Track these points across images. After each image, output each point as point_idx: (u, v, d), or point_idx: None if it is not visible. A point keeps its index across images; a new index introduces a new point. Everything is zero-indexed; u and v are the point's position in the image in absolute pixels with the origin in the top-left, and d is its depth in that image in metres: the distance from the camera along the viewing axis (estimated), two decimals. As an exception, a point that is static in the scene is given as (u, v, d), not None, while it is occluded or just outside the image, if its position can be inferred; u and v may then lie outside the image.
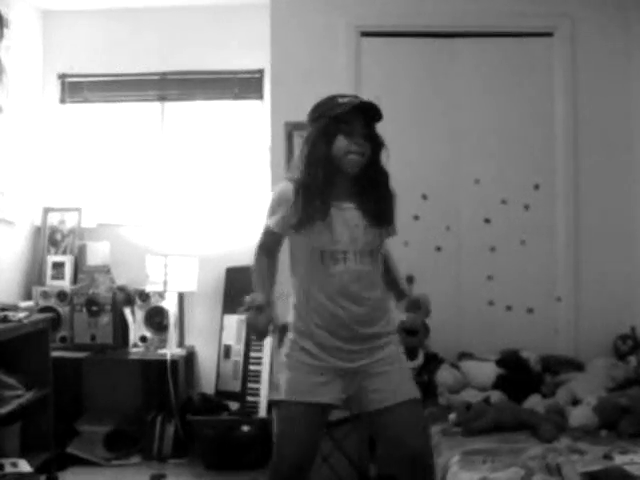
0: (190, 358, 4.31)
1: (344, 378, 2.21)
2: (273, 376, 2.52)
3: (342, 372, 2.20)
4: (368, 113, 2.19)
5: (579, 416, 2.97)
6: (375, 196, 2.25)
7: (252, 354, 4.11)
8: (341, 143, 2.16)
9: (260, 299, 2.21)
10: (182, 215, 4.47)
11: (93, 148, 4.54)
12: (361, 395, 2.22)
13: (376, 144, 2.23)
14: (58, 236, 4.39)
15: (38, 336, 3.55)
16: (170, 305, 4.16)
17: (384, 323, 2.32)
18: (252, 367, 4.09)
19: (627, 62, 3.90)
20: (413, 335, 3.66)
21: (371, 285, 2.26)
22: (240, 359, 4.14)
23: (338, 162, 2.18)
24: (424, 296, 2.53)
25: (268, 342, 3.98)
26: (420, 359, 3.58)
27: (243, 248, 4.32)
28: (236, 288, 4.27)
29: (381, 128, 2.23)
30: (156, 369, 4.11)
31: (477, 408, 3.08)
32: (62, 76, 4.50)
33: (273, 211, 2.24)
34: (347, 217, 2.22)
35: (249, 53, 4.32)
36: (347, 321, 2.19)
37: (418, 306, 2.54)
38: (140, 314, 4.17)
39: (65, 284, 4.24)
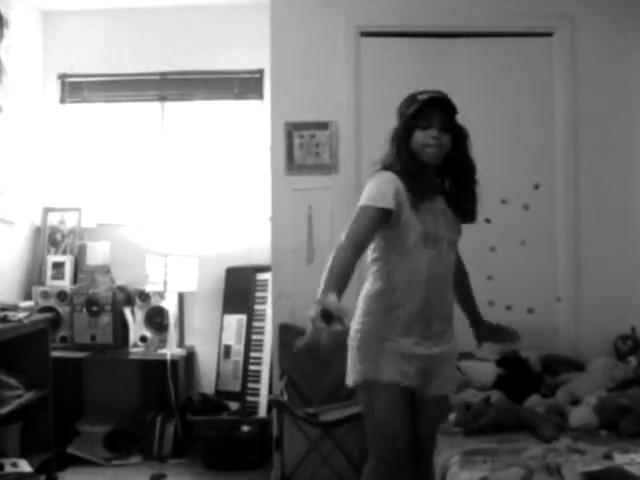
0: (190, 358, 4.31)
1: (421, 364, 2.32)
2: (349, 359, 2.33)
3: (420, 358, 2.31)
4: (446, 106, 2.34)
5: (579, 416, 2.96)
6: (459, 189, 2.45)
7: (252, 354, 4.12)
8: (418, 137, 2.30)
9: (340, 305, 1.94)
10: (182, 215, 4.47)
11: (93, 148, 4.55)
12: (428, 379, 2.35)
13: (457, 136, 2.37)
14: (58, 236, 4.39)
15: (38, 336, 3.56)
16: (170, 305, 4.16)
17: (452, 314, 2.48)
18: (252, 367, 4.09)
19: (627, 62, 3.90)
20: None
21: (452, 277, 2.45)
22: (240, 359, 4.14)
23: (419, 155, 2.30)
24: (514, 332, 2.75)
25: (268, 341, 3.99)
26: (420, 359, 3.58)
27: (243, 248, 4.35)
28: (236, 288, 4.28)
29: (381, 128, 2.26)
30: (156, 369, 4.11)
31: (477, 408, 3.08)
32: (62, 76, 4.50)
33: (380, 192, 2.24)
34: (437, 207, 2.38)
35: (249, 53, 4.32)
36: (435, 304, 2.33)
37: (505, 337, 2.75)
38: (140, 314, 4.17)
39: (65, 284, 4.24)
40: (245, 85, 4.44)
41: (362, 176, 3.54)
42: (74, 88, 4.50)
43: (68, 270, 4.28)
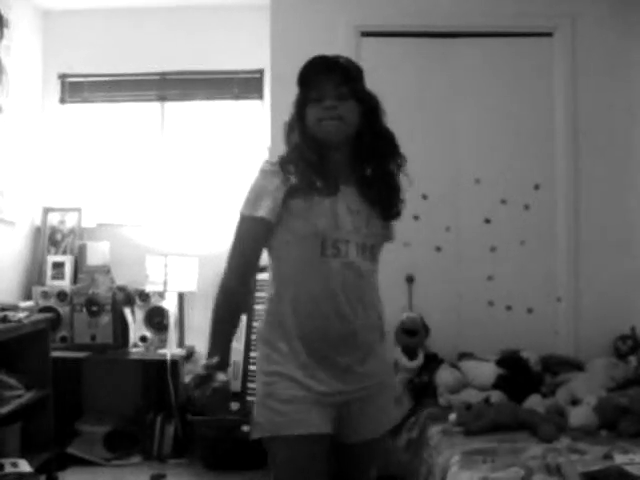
0: (190, 358, 4.31)
1: (334, 404, 1.81)
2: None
3: (332, 396, 1.80)
4: (341, 70, 1.86)
5: (579, 416, 2.97)
6: (374, 176, 1.89)
7: (252, 354, 4.11)
8: (310, 111, 1.82)
9: (221, 368, 1.79)
10: (182, 215, 4.47)
11: (93, 148, 4.55)
12: (349, 422, 1.85)
13: (364, 103, 1.86)
14: (58, 236, 4.39)
15: (38, 336, 3.55)
16: (170, 305, 4.16)
17: (375, 337, 1.89)
18: (252, 367, 4.09)
19: (627, 62, 3.90)
20: (413, 335, 3.67)
21: (372, 288, 1.88)
22: (240, 359, 4.14)
23: (315, 134, 1.82)
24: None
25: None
26: (420, 359, 3.58)
27: (243, 248, 4.35)
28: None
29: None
30: (156, 369, 4.11)
31: (477, 408, 3.08)
32: (62, 76, 4.50)
33: (257, 194, 1.79)
34: (348, 201, 1.84)
35: (249, 53, 4.32)
36: (345, 329, 1.80)
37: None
38: (140, 314, 4.17)
39: (65, 284, 4.24)
40: (245, 85, 4.44)
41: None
42: (74, 88, 4.50)
43: (68, 270, 4.28)
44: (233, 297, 1.84)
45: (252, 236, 1.82)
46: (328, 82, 1.82)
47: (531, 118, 3.94)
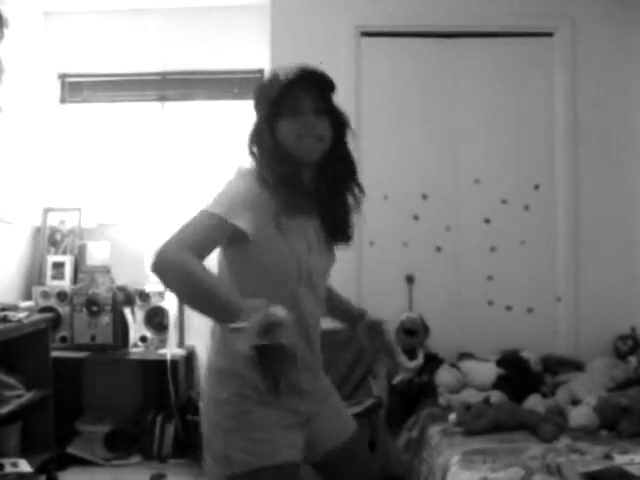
0: (190, 358, 4.31)
1: (302, 424, 1.76)
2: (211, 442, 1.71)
3: (300, 416, 1.75)
4: (318, 84, 1.72)
5: (579, 416, 2.97)
6: (336, 200, 1.78)
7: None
8: (287, 125, 1.69)
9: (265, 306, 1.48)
10: (182, 215, 4.46)
11: (93, 148, 4.54)
12: (318, 435, 1.81)
13: (337, 122, 1.75)
14: (58, 236, 4.39)
15: (38, 336, 3.55)
16: (170, 305, 4.16)
17: (321, 364, 1.87)
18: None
19: (627, 62, 3.90)
20: (413, 335, 3.67)
21: (321, 315, 1.83)
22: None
23: (290, 150, 1.69)
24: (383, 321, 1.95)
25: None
26: (420, 359, 3.58)
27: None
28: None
29: (381, 128, 2.13)
30: (156, 369, 4.10)
31: (477, 408, 3.08)
32: (62, 76, 4.50)
33: (236, 202, 1.63)
34: (312, 227, 1.75)
35: (249, 53, 4.32)
36: (309, 356, 1.77)
37: (377, 333, 1.94)
38: (140, 314, 4.16)
39: (65, 284, 4.23)
40: (245, 85, 4.43)
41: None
42: (74, 88, 4.50)
43: (68, 270, 4.28)
44: (198, 264, 1.51)
45: (215, 236, 1.60)
46: (307, 96, 1.70)
47: (531, 118, 3.94)
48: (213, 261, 1.71)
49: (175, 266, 1.49)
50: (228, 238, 1.63)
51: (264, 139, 1.71)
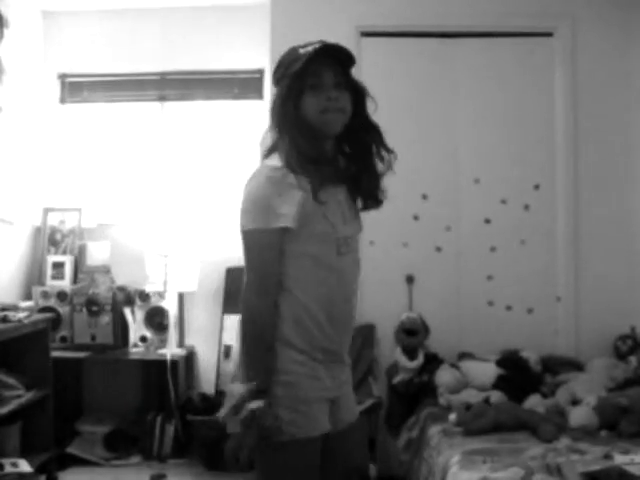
0: (190, 358, 4.31)
1: (332, 399, 1.82)
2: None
3: (334, 390, 1.82)
4: (339, 58, 1.76)
5: (579, 416, 2.97)
6: (359, 166, 1.83)
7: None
8: (310, 101, 1.72)
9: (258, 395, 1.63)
10: (182, 215, 4.47)
11: (93, 148, 4.54)
12: (337, 410, 1.84)
13: (357, 93, 1.80)
14: (58, 236, 4.39)
15: (38, 336, 3.55)
16: (170, 305, 4.16)
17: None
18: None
19: (627, 62, 3.90)
20: (413, 335, 3.67)
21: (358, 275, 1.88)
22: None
23: (315, 125, 1.73)
24: None
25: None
26: (420, 359, 3.58)
27: (243, 248, 4.34)
28: (236, 288, 4.27)
29: (381, 128, 2.13)
30: (156, 369, 4.10)
31: (477, 408, 3.08)
32: (62, 76, 4.50)
33: (268, 205, 1.67)
34: (342, 196, 1.81)
35: (249, 53, 4.32)
36: (349, 317, 1.83)
37: None
38: (140, 314, 4.17)
39: (65, 284, 4.23)
40: (245, 85, 4.43)
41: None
42: (74, 88, 4.50)
43: (68, 270, 4.28)
44: (261, 318, 1.68)
45: (273, 248, 1.69)
46: (328, 70, 1.74)
47: (531, 118, 3.94)
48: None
49: (254, 325, 1.69)
50: (280, 245, 1.71)
51: (288, 115, 1.74)
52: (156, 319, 4.16)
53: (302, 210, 1.68)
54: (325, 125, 1.74)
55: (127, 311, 4.17)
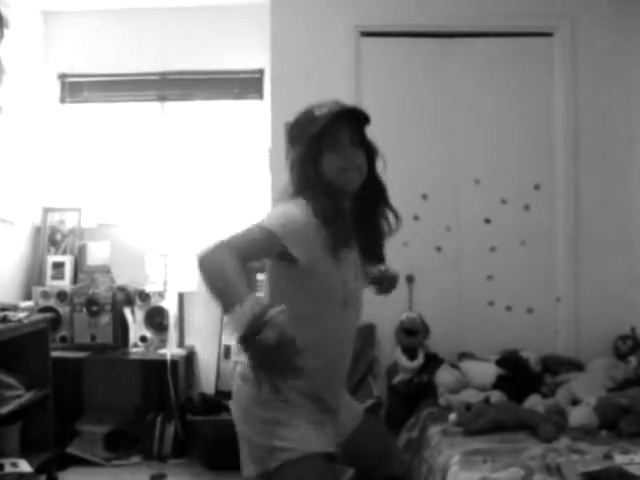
0: (190, 358, 4.31)
1: (332, 418, 1.95)
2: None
3: (332, 413, 1.95)
4: (354, 118, 1.86)
5: (579, 416, 2.97)
6: (371, 225, 1.92)
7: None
8: (329, 161, 1.81)
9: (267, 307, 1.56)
10: (182, 215, 4.47)
11: (93, 148, 4.54)
12: (340, 425, 1.99)
13: (370, 152, 1.89)
14: (58, 236, 4.39)
15: (38, 336, 3.55)
16: (170, 305, 4.16)
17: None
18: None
19: (627, 62, 3.90)
20: (413, 335, 3.67)
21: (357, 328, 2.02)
22: (240, 359, 4.14)
23: (335, 184, 1.82)
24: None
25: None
26: (420, 359, 3.58)
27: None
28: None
29: (381, 128, 2.15)
30: (156, 369, 4.11)
31: (477, 408, 3.08)
32: (62, 76, 4.50)
33: (291, 228, 1.73)
34: (353, 254, 1.89)
35: (249, 53, 4.32)
36: (342, 363, 1.97)
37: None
38: (140, 314, 4.17)
39: (65, 284, 4.24)
40: (245, 85, 4.43)
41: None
42: (74, 88, 4.50)
43: (68, 270, 4.28)
44: (235, 265, 1.63)
45: (264, 249, 1.74)
46: (344, 130, 1.82)
47: (531, 118, 3.94)
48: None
49: (216, 265, 1.70)
50: (277, 254, 1.75)
51: (309, 175, 1.81)
52: (156, 319, 4.17)
53: (313, 256, 1.74)
54: (345, 184, 1.82)
55: (127, 311, 4.17)
